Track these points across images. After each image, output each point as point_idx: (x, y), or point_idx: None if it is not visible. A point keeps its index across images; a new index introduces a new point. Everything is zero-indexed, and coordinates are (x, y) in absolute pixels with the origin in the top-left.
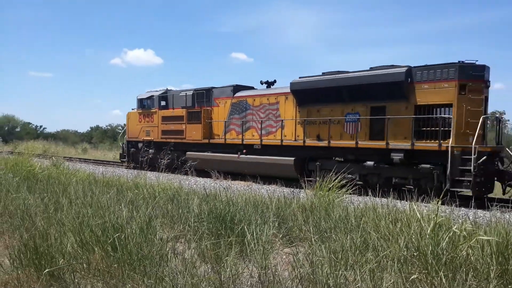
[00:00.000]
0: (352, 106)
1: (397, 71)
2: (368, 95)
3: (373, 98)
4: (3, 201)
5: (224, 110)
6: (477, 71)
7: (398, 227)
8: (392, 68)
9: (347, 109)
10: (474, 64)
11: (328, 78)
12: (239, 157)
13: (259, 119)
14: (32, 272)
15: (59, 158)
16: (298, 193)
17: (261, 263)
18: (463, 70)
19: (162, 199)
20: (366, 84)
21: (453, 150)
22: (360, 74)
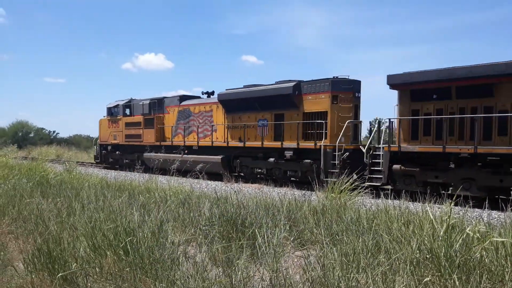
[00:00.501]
0: (262, 113)
1: (287, 86)
2: (272, 105)
3: (275, 107)
4: (17, 206)
5: (173, 117)
6: (347, 84)
7: (411, 229)
8: (286, 82)
9: (259, 116)
10: (345, 79)
11: (245, 90)
12: (182, 156)
13: (198, 124)
14: (46, 276)
15: (71, 163)
16: (309, 196)
17: (272, 266)
18: (335, 83)
19: (173, 202)
20: (269, 96)
21: (326, 148)
22: (266, 87)
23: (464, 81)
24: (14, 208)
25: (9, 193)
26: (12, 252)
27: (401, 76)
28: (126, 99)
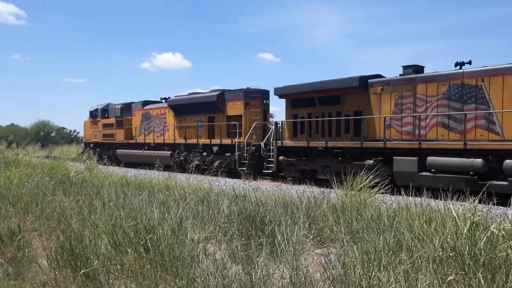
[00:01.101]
0: (200, 116)
1: (213, 94)
2: (205, 109)
3: (208, 111)
4: (41, 204)
5: (138, 119)
6: (257, 93)
7: (433, 227)
8: (214, 91)
9: (198, 118)
10: (256, 89)
11: (188, 97)
12: (143, 152)
13: (155, 125)
14: (69, 273)
15: (92, 161)
16: (328, 193)
17: (292, 264)
18: (247, 93)
19: (192, 200)
20: (203, 102)
21: (239, 144)
22: (201, 95)
23: (323, 93)
24: (37, 206)
25: (32, 191)
26: (36, 249)
27: (283, 88)
28: (104, 103)
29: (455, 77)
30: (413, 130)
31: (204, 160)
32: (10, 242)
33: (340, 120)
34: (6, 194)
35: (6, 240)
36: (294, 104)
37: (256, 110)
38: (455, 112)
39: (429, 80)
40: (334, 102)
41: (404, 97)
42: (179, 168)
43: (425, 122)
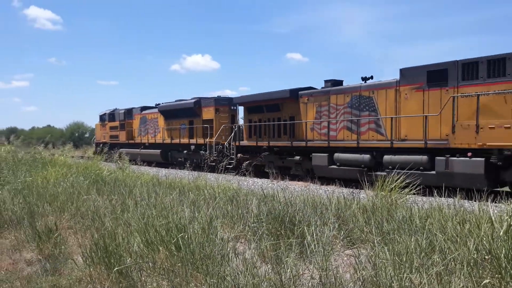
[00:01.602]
0: (183, 120)
1: (190, 101)
2: (186, 114)
3: (188, 115)
4: (76, 203)
5: (137, 122)
6: (225, 101)
7: (466, 229)
8: (193, 99)
9: (181, 122)
10: (225, 97)
11: (173, 103)
12: (140, 151)
13: (150, 127)
14: (103, 270)
15: (124, 161)
16: (358, 194)
17: (321, 265)
18: (217, 100)
19: (222, 200)
20: (184, 108)
21: (210, 143)
22: (183, 102)
23: (268, 102)
24: (72, 205)
25: (68, 190)
26: (71, 246)
27: (241, 98)
28: (112, 109)
29: (356, 90)
30: (327, 132)
31: (185, 157)
32: (47, 239)
33: (279, 124)
34: (44, 193)
35: (43, 237)
36: (249, 111)
37: (224, 115)
38: (355, 118)
39: (338, 92)
40: (276, 109)
41: (322, 106)
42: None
43: (335, 126)
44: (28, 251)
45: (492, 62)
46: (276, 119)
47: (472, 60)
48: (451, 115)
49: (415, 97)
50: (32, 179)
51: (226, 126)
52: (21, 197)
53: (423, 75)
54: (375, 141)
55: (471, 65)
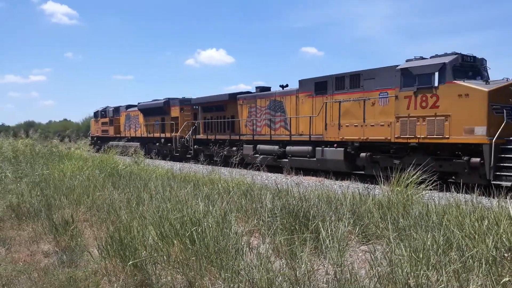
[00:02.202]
0: (157, 117)
1: (161, 101)
2: (159, 112)
3: (160, 113)
4: (91, 196)
5: (123, 119)
6: (188, 101)
7: (485, 225)
8: (163, 100)
9: (155, 119)
10: (188, 98)
11: (149, 102)
12: (124, 143)
13: (133, 123)
14: (118, 262)
15: (139, 155)
16: (373, 189)
17: (336, 260)
18: (181, 101)
19: (235, 194)
20: (156, 107)
21: (176, 137)
22: (156, 102)
23: (216, 103)
24: (88, 198)
25: (84, 184)
26: (87, 239)
27: (197, 99)
28: (104, 107)
29: (273, 96)
30: (254, 128)
31: (158, 148)
32: (64, 231)
33: (224, 121)
34: (60, 186)
35: (60, 230)
36: (204, 110)
37: (188, 113)
38: (272, 117)
39: (262, 97)
40: (222, 109)
41: (252, 107)
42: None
43: (260, 123)
44: (46, 243)
45: (352, 76)
46: (222, 117)
47: (341, 74)
48: (335, 115)
49: (307, 102)
50: (49, 172)
51: (188, 122)
52: (39, 189)
53: (312, 85)
54: (283, 135)
55: (340, 79)
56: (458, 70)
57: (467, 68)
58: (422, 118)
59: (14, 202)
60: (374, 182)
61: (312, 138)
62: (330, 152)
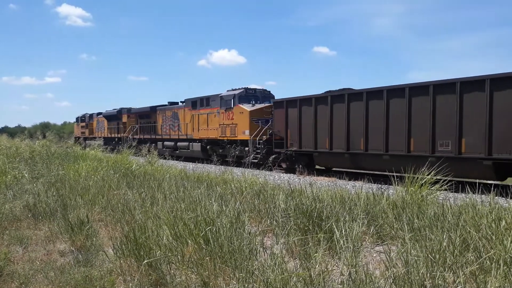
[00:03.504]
0: (114, 122)
1: (116, 110)
2: (116, 119)
3: (116, 119)
4: (106, 196)
5: (95, 123)
6: (132, 110)
7: (502, 226)
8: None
9: (114, 123)
10: (132, 108)
11: (109, 111)
12: (95, 141)
13: (101, 127)
14: (133, 262)
15: (153, 155)
16: (386, 189)
17: (351, 261)
18: (128, 110)
19: (249, 194)
20: (113, 114)
21: (124, 137)
22: (113, 110)
23: (147, 113)
24: (103, 198)
25: (98, 184)
26: (102, 238)
27: (135, 109)
28: (83, 114)
29: (174, 109)
30: (164, 131)
31: (114, 145)
32: (79, 231)
33: (150, 126)
34: (75, 186)
35: (76, 229)
36: (140, 117)
37: (132, 119)
38: (173, 123)
39: (169, 109)
40: (149, 117)
41: (164, 116)
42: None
43: (166, 128)
44: (61, 243)
45: (206, 99)
46: (148, 123)
47: (203, 97)
48: (198, 123)
49: (188, 114)
50: (64, 173)
51: (132, 126)
52: (54, 189)
53: (190, 103)
54: (177, 135)
55: (202, 99)
56: (243, 98)
57: (250, 97)
58: (228, 125)
59: (30, 202)
60: (388, 183)
61: (188, 137)
62: (195, 145)
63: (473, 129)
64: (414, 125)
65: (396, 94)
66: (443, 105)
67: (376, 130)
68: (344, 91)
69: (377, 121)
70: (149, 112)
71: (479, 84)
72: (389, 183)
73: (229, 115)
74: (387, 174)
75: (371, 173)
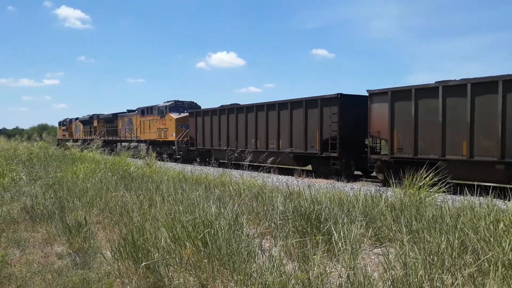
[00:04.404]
0: (88, 126)
1: (88, 116)
2: (89, 123)
3: (89, 124)
4: (104, 198)
5: (74, 127)
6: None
7: (500, 228)
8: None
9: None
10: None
11: (84, 117)
12: (73, 143)
13: (78, 130)
14: (131, 264)
15: (151, 158)
16: (385, 192)
17: (349, 263)
18: (97, 116)
19: (247, 196)
20: (87, 120)
21: (93, 138)
22: (87, 116)
23: (110, 119)
24: (101, 200)
25: (96, 186)
26: (100, 241)
27: (103, 115)
28: (64, 118)
29: (129, 116)
30: (122, 134)
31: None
32: (77, 233)
33: (114, 129)
34: (73, 188)
35: (73, 232)
36: (106, 122)
37: (101, 124)
38: (129, 127)
39: (126, 116)
40: (113, 122)
41: (123, 122)
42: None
43: (124, 131)
44: (59, 245)
45: (150, 108)
46: (112, 127)
47: (147, 107)
48: (144, 127)
49: (138, 120)
50: (62, 175)
51: (101, 130)
52: (52, 192)
53: (140, 111)
54: (130, 138)
55: (147, 109)
56: (173, 108)
57: (178, 107)
58: (162, 129)
59: (28, 204)
60: (386, 185)
61: (137, 139)
62: (142, 145)
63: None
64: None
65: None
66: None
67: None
68: (233, 105)
69: (253, 126)
70: (112, 118)
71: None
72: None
73: (163, 121)
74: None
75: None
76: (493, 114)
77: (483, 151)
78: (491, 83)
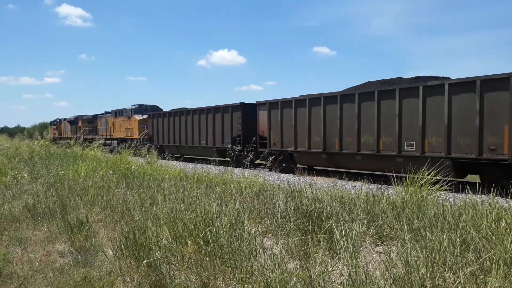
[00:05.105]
0: (73, 126)
1: (75, 117)
2: (75, 123)
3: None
4: (106, 196)
5: (63, 127)
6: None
7: (502, 226)
8: (76, 115)
9: (73, 127)
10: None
11: (71, 117)
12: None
13: (66, 130)
14: (132, 263)
15: (152, 156)
16: (386, 190)
17: (351, 262)
18: (82, 117)
19: (248, 194)
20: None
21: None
22: (73, 117)
23: (91, 119)
24: (102, 198)
25: (98, 184)
26: (102, 239)
27: (85, 116)
28: (56, 118)
29: (106, 117)
30: (101, 132)
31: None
32: (78, 231)
33: (94, 129)
34: (75, 187)
35: (75, 230)
36: (88, 122)
37: (85, 123)
38: (106, 127)
39: (104, 117)
40: (93, 122)
41: (101, 122)
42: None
43: (102, 130)
44: (61, 243)
45: (121, 110)
46: (93, 126)
47: (119, 109)
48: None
49: (112, 120)
50: (63, 173)
51: (84, 129)
52: (54, 190)
53: (113, 113)
54: (107, 136)
55: (119, 111)
56: (137, 111)
57: (142, 110)
58: (129, 129)
59: (30, 202)
60: (387, 183)
61: (111, 137)
62: (114, 142)
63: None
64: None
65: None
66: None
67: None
68: (181, 109)
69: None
70: (93, 119)
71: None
72: (389, 184)
73: (130, 122)
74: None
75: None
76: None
77: (315, 144)
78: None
